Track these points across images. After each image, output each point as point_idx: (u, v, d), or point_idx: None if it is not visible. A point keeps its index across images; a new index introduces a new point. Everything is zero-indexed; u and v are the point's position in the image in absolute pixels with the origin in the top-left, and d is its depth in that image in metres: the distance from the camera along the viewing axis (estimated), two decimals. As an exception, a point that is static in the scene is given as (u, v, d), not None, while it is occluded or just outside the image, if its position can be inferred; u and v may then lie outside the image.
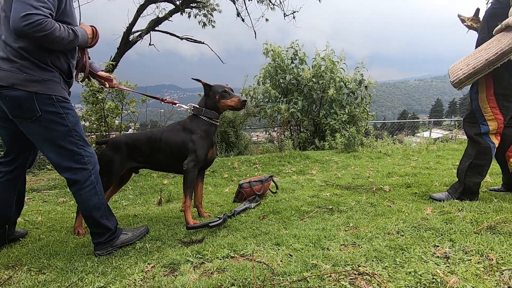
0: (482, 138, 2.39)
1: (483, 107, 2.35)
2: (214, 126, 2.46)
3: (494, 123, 2.34)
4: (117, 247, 2.03)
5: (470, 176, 2.44)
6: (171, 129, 2.45)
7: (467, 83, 2.29)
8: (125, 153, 2.41)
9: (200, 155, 2.35)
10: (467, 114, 2.51)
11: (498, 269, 1.43)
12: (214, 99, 2.45)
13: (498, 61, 2.11)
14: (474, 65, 2.19)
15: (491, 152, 2.39)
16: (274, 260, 1.63)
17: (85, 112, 5.37)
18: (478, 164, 2.42)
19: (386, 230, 1.96)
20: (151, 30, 7.47)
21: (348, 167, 4.62)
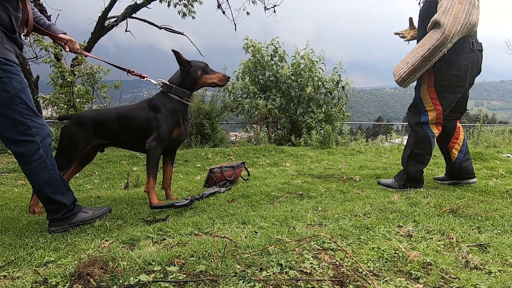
0: (421, 127, 2.49)
1: (424, 98, 2.45)
2: (184, 105, 2.35)
3: (433, 113, 2.43)
4: (74, 225, 1.91)
5: (412, 165, 2.53)
6: (138, 107, 2.34)
7: (409, 80, 2.40)
8: (90, 129, 2.28)
9: (163, 133, 2.23)
10: (411, 104, 2.61)
11: (457, 246, 1.45)
12: (195, 74, 2.33)
13: (432, 55, 2.23)
14: (412, 62, 2.31)
15: (430, 141, 2.48)
16: (239, 236, 1.58)
17: (52, 95, 5.11)
18: (418, 153, 2.51)
19: (353, 212, 1.97)
20: (128, 16, 7.23)
21: (322, 161, 4.66)
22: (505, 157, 4.82)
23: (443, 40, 2.18)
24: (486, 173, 3.38)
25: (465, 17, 2.16)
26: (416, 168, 2.53)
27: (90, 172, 3.99)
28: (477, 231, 1.65)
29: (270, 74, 8.61)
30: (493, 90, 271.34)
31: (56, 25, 2.04)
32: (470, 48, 2.33)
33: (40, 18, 1.97)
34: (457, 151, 2.62)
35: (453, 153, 2.63)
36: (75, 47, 2.10)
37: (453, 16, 2.16)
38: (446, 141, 2.65)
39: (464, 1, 2.18)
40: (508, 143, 7.58)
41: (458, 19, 2.16)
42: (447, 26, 2.15)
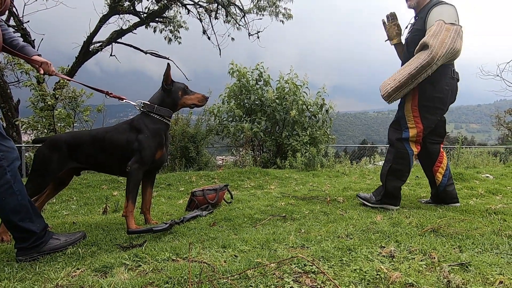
0: (402, 143, 2.58)
1: (407, 115, 2.55)
2: (165, 125, 2.31)
3: (414, 131, 2.53)
4: (45, 253, 1.80)
5: (391, 180, 2.59)
6: (117, 128, 2.28)
7: (395, 96, 2.50)
8: (65, 152, 2.20)
9: (146, 156, 2.16)
10: (393, 120, 2.71)
11: (439, 266, 1.44)
12: (176, 95, 2.32)
13: (418, 74, 2.34)
14: (399, 79, 2.42)
15: (409, 158, 2.57)
16: (218, 260, 1.52)
17: (31, 119, 4.99)
18: (397, 169, 2.58)
19: (336, 234, 1.94)
20: (113, 41, 7.28)
21: (307, 183, 4.65)
22: (484, 177, 4.93)
23: (430, 60, 2.29)
24: (467, 193, 3.43)
25: (450, 42, 2.30)
26: (394, 184, 2.59)
27: (67, 197, 3.85)
28: (458, 250, 1.65)
29: (255, 97, 8.72)
30: (470, 113, 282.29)
31: (30, 47, 1.98)
32: (451, 75, 2.49)
33: (13, 39, 1.91)
34: (441, 175, 2.69)
35: (437, 177, 2.69)
36: (50, 69, 2.03)
37: (440, 40, 2.29)
38: (431, 165, 2.71)
39: (450, 29, 2.33)
40: (486, 163, 7.80)
41: (444, 43, 2.29)
42: (435, 48, 2.28)
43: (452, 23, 2.36)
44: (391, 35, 2.84)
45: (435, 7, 2.47)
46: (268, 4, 7.78)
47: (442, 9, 2.45)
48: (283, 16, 8.09)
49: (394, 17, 2.84)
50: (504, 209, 2.53)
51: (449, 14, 2.42)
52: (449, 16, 2.40)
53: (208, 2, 7.65)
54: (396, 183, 2.59)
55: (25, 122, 5.09)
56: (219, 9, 7.74)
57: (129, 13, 7.15)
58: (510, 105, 17.89)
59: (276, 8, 7.90)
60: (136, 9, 7.17)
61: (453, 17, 2.42)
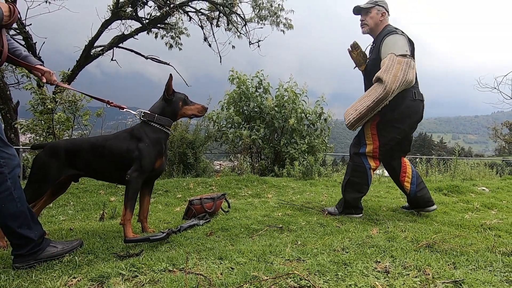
0: (359, 157, 2.76)
1: (366, 132, 2.75)
2: (165, 134, 2.33)
3: (370, 146, 2.72)
4: (41, 261, 1.80)
5: (349, 192, 2.77)
6: (117, 136, 2.29)
7: (357, 125, 2.71)
8: (64, 159, 2.21)
9: (146, 164, 2.18)
10: (355, 136, 2.90)
11: (433, 283, 1.45)
12: (176, 105, 2.36)
13: (376, 106, 2.55)
14: (360, 111, 2.61)
15: (366, 172, 2.74)
16: (214, 273, 1.53)
17: (30, 122, 5.00)
18: (355, 181, 2.75)
19: (332, 247, 1.95)
20: (115, 46, 7.33)
21: (304, 193, 4.66)
22: (480, 190, 4.96)
23: (385, 95, 2.48)
24: (462, 207, 3.46)
25: (402, 75, 2.47)
26: (352, 196, 2.75)
27: (64, 202, 3.84)
28: (453, 267, 1.66)
29: (254, 105, 8.77)
30: (468, 124, 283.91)
31: (32, 57, 2.01)
32: (412, 98, 2.64)
33: (16, 49, 1.94)
34: (408, 183, 2.85)
35: (405, 186, 2.86)
36: (52, 78, 2.08)
37: (393, 75, 2.46)
38: (397, 177, 2.91)
39: (402, 62, 2.49)
40: (483, 176, 7.85)
41: (397, 77, 2.45)
42: (388, 83, 2.45)
43: (402, 55, 2.51)
44: (359, 62, 2.99)
45: (387, 37, 2.63)
46: (269, 14, 7.87)
47: (393, 40, 2.60)
48: (283, 26, 8.18)
49: (357, 46, 2.99)
50: (499, 225, 2.55)
51: (400, 46, 2.56)
52: (400, 48, 2.55)
53: (210, 10, 7.74)
54: (354, 194, 2.75)
55: (24, 125, 5.09)
56: (221, 17, 7.82)
57: (131, 19, 7.21)
58: (507, 117, 18.07)
59: (277, 18, 8.00)
60: (138, 15, 7.23)
61: (404, 48, 2.56)
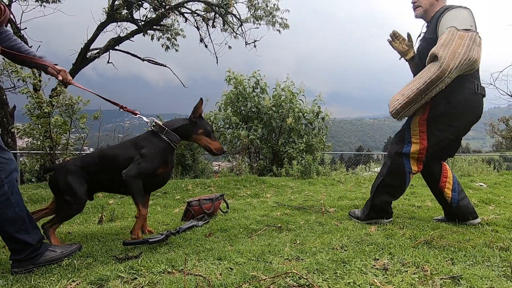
0: (400, 157, 2.35)
1: (413, 128, 2.32)
2: (172, 148, 2.29)
3: (416, 146, 2.29)
4: (40, 265, 1.80)
5: (379, 194, 2.42)
6: (121, 145, 2.28)
7: (404, 113, 2.27)
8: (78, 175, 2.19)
9: (145, 167, 2.13)
10: (398, 132, 2.47)
11: (431, 279, 1.46)
12: (196, 130, 2.32)
13: (428, 89, 2.11)
14: (408, 95, 2.19)
15: (404, 175, 2.34)
16: (213, 273, 1.54)
17: (27, 126, 4.98)
18: (389, 184, 2.39)
19: (331, 245, 1.96)
20: (111, 48, 7.31)
21: (302, 192, 4.67)
22: (478, 186, 4.99)
23: (440, 74, 2.04)
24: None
25: (464, 52, 2.02)
26: (383, 199, 2.42)
27: (63, 205, 3.83)
28: (451, 263, 1.67)
29: (252, 105, 8.78)
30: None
31: (46, 57, 2.02)
32: (474, 91, 2.20)
33: (29, 51, 1.96)
34: (449, 190, 2.43)
35: (446, 193, 2.43)
36: (68, 77, 2.07)
37: (452, 50, 2.03)
38: (436, 182, 2.48)
39: (464, 36, 2.05)
40: (481, 172, 7.88)
41: (457, 53, 2.02)
42: (445, 60, 2.02)
43: (466, 29, 2.07)
44: (402, 50, 2.58)
45: (447, 12, 2.20)
46: (265, 14, 7.87)
47: (454, 14, 2.17)
48: (279, 25, 8.19)
49: (397, 34, 2.61)
50: (497, 220, 2.57)
51: (462, 19, 2.13)
52: (463, 22, 2.12)
53: (206, 11, 7.74)
54: (385, 197, 2.42)
55: (21, 129, 5.07)
56: (216, 18, 7.82)
57: (127, 21, 7.20)
58: (503, 113, 18.13)
59: (273, 17, 8.00)
60: (134, 17, 7.22)
61: (468, 22, 2.13)
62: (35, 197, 4.06)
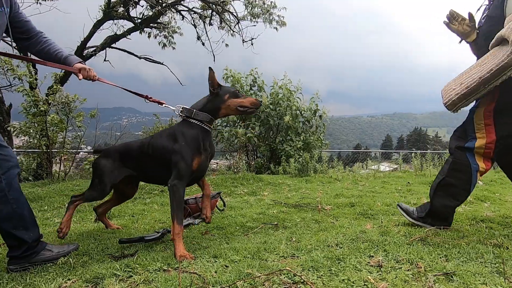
0: (463, 152, 2.04)
1: (476, 121, 2.05)
2: (203, 130, 2.11)
3: (482, 140, 2.00)
4: (36, 264, 1.80)
5: (440, 196, 2.09)
6: (160, 134, 2.24)
7: (461, 105, 1.98)
8: (117, 160, 2.26)
9: (183, 168, 2.00)
10: (459, 126, 2.20)
11: (424, 275, 1.47)
12: (221, 98, 2.14)
13: (494, 78, 1.80)
14: (467, 84, 1.89)
15: (470, 174, 2.01)
16: (209, 271, 1.54)
17: (23, 124, 4.96)
18: (451, 183, 2.06)
19: (326, 243, 1.97)
20: (107, 46, 7.28)
21: (299, 190, 4.68)
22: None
23: (511, 62, 1.74)
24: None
25: None
26: (444, 203, 2.08)
27: (59, 204, 3.83)
28: (445, 260, 1.68)
29: (249, 103, 8.77)
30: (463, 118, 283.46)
31: (74, 56, 2.01)
32: None
33: (58, 51, 1.96)
34: None
35: None
36: (91, 74, 2.01)
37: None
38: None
39: None
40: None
41: None
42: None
43: None
44: (464, 32, 2.18)
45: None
46: (262, 12, 7.85)
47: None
48: (276, 23, 8.18)
49: (455, 14, 2.20)
50: (491, 217, 2.58)
51: None
52: None
53: (202, 9, 7.71)
54: (447, 201, 2.07)
55: (17, 128, 5.05)
56: (213, 16, 7.80)
57: (123, 19, 7.17)
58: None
59: (270, 15, 7.99)
60: (130, 15, 7.18)
61: None
62: (31, 195, 4.04)
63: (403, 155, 13.29)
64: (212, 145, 2.28)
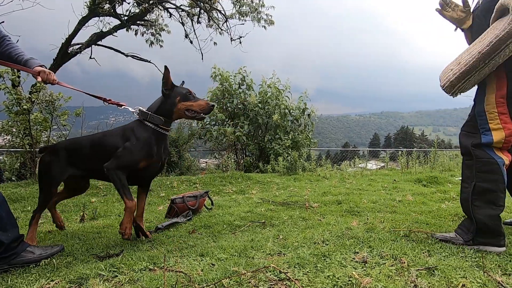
0: (483, 150, 1.78)
1: (488, 112, 1.78)
2: (159, 134, 2.12)
3: (500, 134, 1.74)
4: (17, 266, 1.76)
5: (480, 207, 1.76)
6: (111, 133, 2.22)
7: (460, 86, 1.77)
8: (64, 159, 2.19)
9: (125, 160, 2.04)
10: (466, 121, 1.94)
11: (407, 270, 1.50)
12: (173, 100, 2.11)
13: (494, 52, 1.63)
14: (466, 61, 1.71)
15: (500, 170, 1.74)
16: (195, 269, 1.54)
17: (5, 123, 4.82)
18: (486, 188, 1.75)
19: (313, 240, 1.99)
20: (93, 44, 7.14)
21: (288, 188, 4.70)
22: (458, 181, 5.13)
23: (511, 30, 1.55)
24: (440, 197, 3.57)
25: None
26: (487, 212, 1.74)
27: (43, 204, 3.74)
28: (427, 255, 1.72)
29: (238, 101, 8.75)
30: (448, 117, 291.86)
31: (35, 59, 2.02)
32: None
33: (20, 54, 2.00)
34: None
35: None
36: (50, 77, 2.01)
37: None
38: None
39: None
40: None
41: None
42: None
43: None
44: (458, 18, 1.97)
45: None
46: (250, 10, 7.84)
47: None
48: (265, 22, 8.18)
49: (447, 1, 2.00)
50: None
51: None
52: None
53: (190, 6, 7.65)
54: (489, 210, 1.74)
55: (-1, 128, 4.92)
56: (201, 14, 7.74)
57: (110, 16, 7.04)
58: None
59: (258, 14, 7.98)
60: (116, 12, 7.06)
61: None
62: (14, 196, 3.95)
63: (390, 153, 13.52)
64: (167, 149, 2.28)
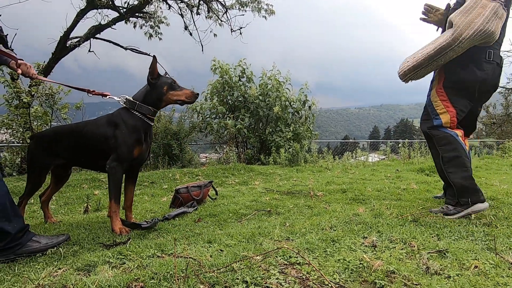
0: (437, 129, 2.19)
1: (434, 101, 2.22)
2: (145, 123, 2.18)
3: (446, 116, 2.16)
4: (23, 256, 1.74)
5: (454, 173, 2.11)
6: (96, 122, 2.21)
7: (411, 76, 2.19)
8: (47, 148, 2.20)
9: (123, 153, 2.08)
10: (423, 111, 2.35)
11: (418, 253, 1.49)
12: (160, 90, 2.18)
13: (437, 55, 2.05)
14: (417, 58, 2.12)
15: (456, 140, 2.13)
16: (204, 255, 1.52)
17: (5, 117, 4.79)
18: (451, 156, 2.12)
19: (320, 226, 1.97)
20: (92, 37, 7.06)
21: (291, 179, 4.69)
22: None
23: (451, 42, 1.97)
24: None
25: (482, 23, 1.92)
26: (461, 175, 2.08)
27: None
28: (437, 238, 1.71)
29: (238, 94, 8.70)
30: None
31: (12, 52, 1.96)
32: (485, 59, 2.10)
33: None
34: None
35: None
36: (30, 71, 1.98)
37: (469, 19, 1.94)
38: None
39: (487, 6, 1.94)
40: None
41: (473, 23, 1.93)
42: (459, 28, 1.95)
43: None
44: (438, 20, 2.43)
45: None
46: (250, 0, 7.76)
47: None
48: (265, 12, 8.09)
49: (431, 7, 2.45)
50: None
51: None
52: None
53: (190, -3, 7.57)
54: (461, 173, 2.08)
55: (-1, 122, 4.89)
56: (201, 5, 7.66)
57: (108, 8, 6.95)
58: (483, 101, 18.54)
59: (259, 4, 7.90)
60: (115, 4, 6.97)
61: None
62: (16, 189, 3.93)
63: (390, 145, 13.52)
64: (151, 137, 2.34)
